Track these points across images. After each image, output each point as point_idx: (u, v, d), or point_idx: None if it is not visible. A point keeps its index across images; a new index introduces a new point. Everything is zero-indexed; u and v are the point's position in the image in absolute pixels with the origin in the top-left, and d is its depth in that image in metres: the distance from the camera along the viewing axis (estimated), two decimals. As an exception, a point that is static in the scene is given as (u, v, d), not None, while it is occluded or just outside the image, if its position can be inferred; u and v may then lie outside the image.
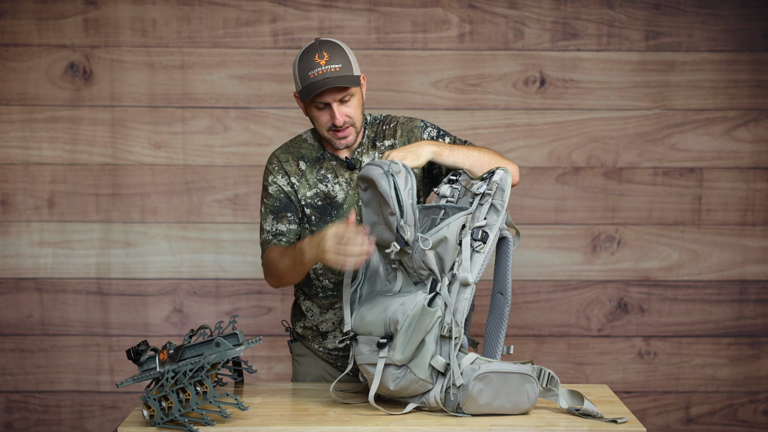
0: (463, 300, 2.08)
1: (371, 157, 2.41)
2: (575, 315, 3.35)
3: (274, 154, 2.45)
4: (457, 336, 2.07)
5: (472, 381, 2.04)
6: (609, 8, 3.28)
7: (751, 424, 3.39)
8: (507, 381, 2.07)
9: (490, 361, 2.08)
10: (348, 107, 2.32)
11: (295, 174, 2.40)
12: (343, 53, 2.32)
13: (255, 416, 2.09)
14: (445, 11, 3.27)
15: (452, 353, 2.07)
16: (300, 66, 2.31)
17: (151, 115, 3.28)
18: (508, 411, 2.09)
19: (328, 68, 2.28)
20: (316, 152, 2.43)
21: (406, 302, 2.07)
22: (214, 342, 2.10)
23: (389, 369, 2.08)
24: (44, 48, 3.25)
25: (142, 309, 3.32)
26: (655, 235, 3.34)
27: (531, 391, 2.09)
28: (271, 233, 2.39)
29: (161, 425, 2.02)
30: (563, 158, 3.31)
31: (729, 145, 3.32)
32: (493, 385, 2.06)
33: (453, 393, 2.07)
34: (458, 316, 2.08)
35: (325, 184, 2.40)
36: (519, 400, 2.09)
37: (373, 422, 2.05)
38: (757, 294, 3.36)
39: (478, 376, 2.04)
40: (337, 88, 2.28)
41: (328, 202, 2.39)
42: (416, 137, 2.41)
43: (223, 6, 3.25)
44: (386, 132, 2.43)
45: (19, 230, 3.30)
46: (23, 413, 3.35)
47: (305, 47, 2.34)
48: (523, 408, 2.10)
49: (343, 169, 2.40)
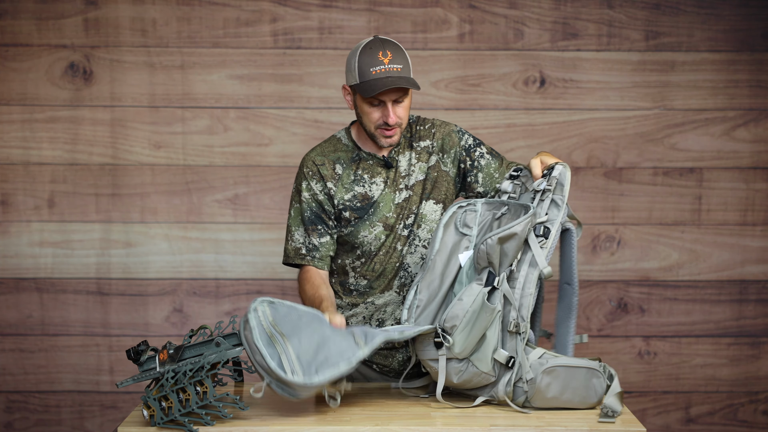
0: (528, 295, 2.13)
1: (407, 157, 2.43)
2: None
3: (309, 158, 2.44)
4: (524, 331, 2.11)
5: (540, 374, 2.08)
6: (609, 8, 3.28)
7: (751, 424, 3.39)
8: (574, 375, 2.10)
9: (557, 356, 2.11)
10: (400, 108, 2.35)
11: (332, 178, 2.41)
12: (404, 55, 2.35)
13: (255, 416, 2.09)
14: (445, 11, 3.27)
15: (519, 348, 2.11)
16: (361, 60, 2.32)
17: (151, 115, 3.28)
18: (576, 405, 2.12)
19: (391, 67, 2.30)
20: (352, 152, 2.44)
21: (464, 297, 2.11)
22: (214, 342, 2.10)
23: (452, 363, 2.13)
24: (44, 48, 3.25)
25: (142, 309, 3.32)
26: (655, 235, 3.34)
27: (598, 385, 2.12)
28: (305, 246, 2.41)
29: (161, 425, 2.02)
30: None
31: (729, 145, 3.32)
32: (560, 379, 2.10)
33: (521, 387, 2.11)
34: (523, 311, 2.12)
35: (361, 185, 2.41)
36: (587, 395, 2.12)
37: (373, 422, 2.05)
38: (757, 294, 3.36)
39: (546, 369, 2.08)
40: (397, 89, 2.31)
41: (366, 202, 2.41)
42: (453, 141, 2.44)
43: (223, 6, 3.25)
44: (421, 132, 2.46)
45: (19, 230, 3.30)
46: (23, 413, 3.35)
47: (365, 42, 2.35)
48: (590, 402, 2.12)
49: (380, 167, 2.42)
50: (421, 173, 2.42)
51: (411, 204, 2.40)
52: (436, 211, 2.41)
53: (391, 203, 2.40)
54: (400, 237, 2.40)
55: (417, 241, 2.41)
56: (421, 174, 2.42)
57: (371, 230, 2.39)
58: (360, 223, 2.40)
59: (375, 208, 2.40)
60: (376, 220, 2.39)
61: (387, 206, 2.40)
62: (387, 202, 2.41)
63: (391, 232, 2.40)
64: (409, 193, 2.40)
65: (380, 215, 2.40)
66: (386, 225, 2.39)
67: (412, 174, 2.42)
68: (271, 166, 3.30)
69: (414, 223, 2.40)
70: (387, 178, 2.42)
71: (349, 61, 2.35)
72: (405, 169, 2.42)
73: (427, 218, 2.41)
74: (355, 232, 2.40)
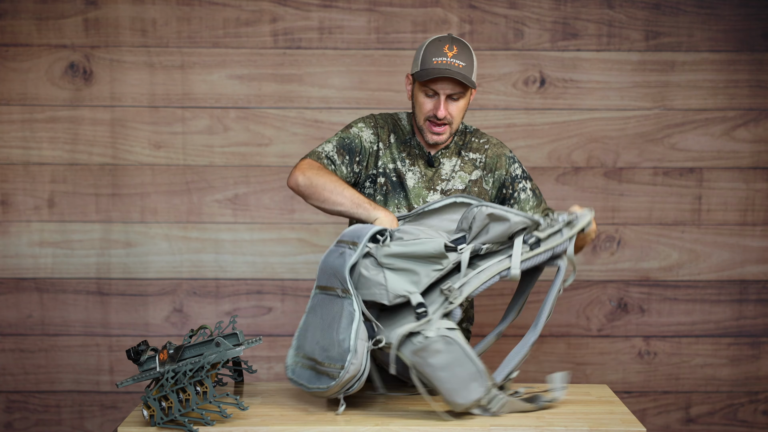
0: (478, 282, 2.05)
1: (453, 163, 2.45)
2: (575, 315, 3.35)
3: (374, 116, 2.49)
4: (452, 302, 2.04)
5: (439, 338, 2.00)
6: (609, 8, 3.28)
7: (751, 424, 3.39)
8: (463, 365, 2.02)
9: (467, 344, 2.04)
10: (453, 106, 2.37)
11: (384, 141, 2.46)
12: (471, 56, 2.37)
13: (255, 416, 2.09)
14: (445, 11, 3.27)
15: (438, 309, 2.04)
16: (426, 50, 2.36)
17: (151, 115, 3.28)
18: (443, 391, 2.03)
19: (453, 62, 2.33)
20: (406, 135, 2.48)
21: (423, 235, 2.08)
22: (214, 342, 2.10)
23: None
24: (44, 48, 3.25)
25: (142, 309, 3.32)
26: (655, 235, 3.34)
27: (474, 391, 2.03)
28: (326, 153, 2.40)
29: (161, 425, 2.02)
30: (563, 158, 3.31)
31: (729, 145, 3.32)
32: (452, 356, 2.01)
33: (416, 341, 2.02)
34: (465, 288, 2.04)
35: (402, 164, 2.44)
36: (458, 388, 2.02)
37: (372, 422, 2.05)
38: (757, 294, 3.36)
39: (446, 336, 2.01)
40: (452, 82, 2.34)
41: (400, 182, 2.44)
42: (501, 164, 2.47)
43: (223, 6, 3.25)
44: (474, 144, 2.49)
45: (19, 230, 3.30)
46: (23, 413, 3.35)
47: (438, 35, 2.40)
48: (454, 398, 2.03)
49: (422, 160, 2.45)
50: (461, 183, 2.44)
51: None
52: None
53: (420, 199, 2.43)
54: None
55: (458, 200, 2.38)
56: (461, 184, 2.44)
57: (396, 211, 2.42)
58: (389, 197, 2.43)
59: (406, 192, 2.43)
60: (404, 204, 2.43)
61: (416, 200, 2.43)
62: (417, 195, 2.43)
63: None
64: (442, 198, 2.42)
65: (409, 202, 2.43)
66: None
67: (451, 180, 2.44)
68: (271, 166, 3.30)
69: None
70: (423, 175, 2.44)
71: (417, 51, 2.40)
72: (447, 173, 2.45)
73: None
74: (383, 201, 2.43)
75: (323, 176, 2.32)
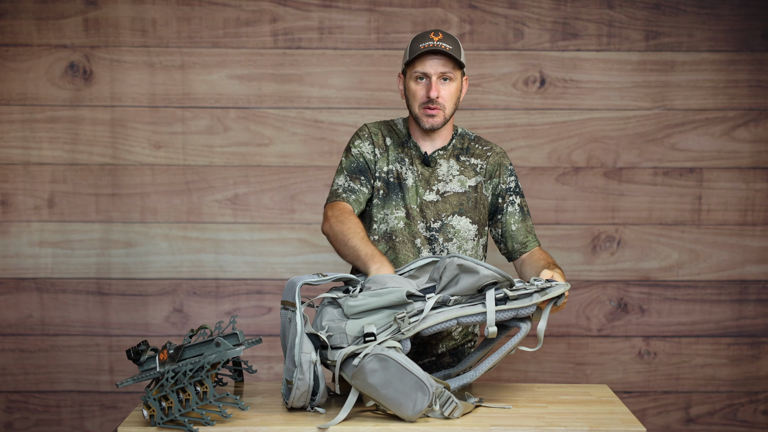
0: (434, 321, 2.08)
1: (449, 164, 2.47)
2: (575, 315, 3.35)
3: (366, 126, 2.53)
4: (403, 333, 2.06)
5: (371, 356, 2.02)
6: (609, 8, 3.28)
7: (751, 424, 3.39)
8: (403, 378, 2.02)
9: (400, 353, 2.05)
10: (444, 89, 2.39)
11: (380, 147, 2.49)
12: (458, 43, 2.41)
13: (255, 416, 2.09)
14: (445, 11, 3.27)
15: (387, 336, 2.06)
16: (413, 41, 2.41)
17: (151, 115, 3.28)
18: (391, 407, 2.04)
19: (440, 44, 2.37)
20: (402, 138, 2.51)
21: (391, 285, 2.14)
22: (214, 342, 2.10)
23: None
24: (44, 48, 3.25)
25: (142, 309, 3.32)
26: (655, 235, 3.34)
27: (419, 401, 2.03)
28: (342, 187, 2.45)
29: (161, 425, 2.02)
30: (563, 158, 3.31)
31: (729, 145, 3.32)
32: (388, 373, 2.02)
33: (354, 362, 2.04)
34: (420, 323, 2.07)
35: (400, 165, 2.47)
36: (404, 402, 2.03)
37: (372, 422, 2.05)
38: (757, 294, 3.36)
39: (378, 354, 2.02)
40: (441, 60, 2.36)
41: (398, 182, 2.46)
42: (500, 174, 2.49)
43: (223, 6, 3.25)
44: (476, 151, 2.51)
45: (19, 230, 3.30)
46: (23, 413, 3.35)
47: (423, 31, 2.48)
48: (403, 411, 2.04)
49: (418, 160, 2.48)
50: (460, 186, 2.46)
51: (440, 210, 2.44)
52: (470, 230, 2.45)
53: (416, 196, 2.45)
54: (420, 234, 2.43)
55: (443, 254, 2.43)
56: (460, 187, 2.46)
57: (395, 212, 2.44)
58: (387, 200, 2.45)
59: (404, 192, 2.45)
60: (401, 205, 2.44)
61: (413, 198, 2.45)
62: (414, 193, 2.45)
63: (411, 222, 2.43)
64: (439, 198, 2.44)
65: (406, 202, 2.45)
66: (408, 214, 2.44)
67: (448, 182, 2.45)
68: (271, 166, 3.30)
69: (440, 231, 2.43)
70: (420, 174, 2.46)
71: (405, 49, 2.45)
72: (443, 175, 2.47)
73: (460, 234, 2.44)
74: (381, 205, 2.45)
75: (340, 224, 2.36)
